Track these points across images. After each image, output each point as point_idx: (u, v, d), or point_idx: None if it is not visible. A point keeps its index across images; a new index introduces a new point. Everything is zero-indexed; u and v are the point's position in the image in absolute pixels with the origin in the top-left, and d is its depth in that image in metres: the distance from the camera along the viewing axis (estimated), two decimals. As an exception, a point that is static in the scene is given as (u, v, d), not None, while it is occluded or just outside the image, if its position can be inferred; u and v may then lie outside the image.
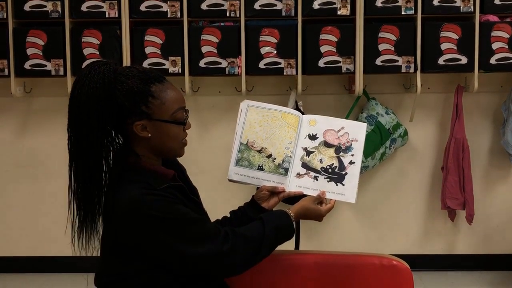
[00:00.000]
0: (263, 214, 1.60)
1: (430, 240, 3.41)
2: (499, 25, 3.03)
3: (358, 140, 1.71)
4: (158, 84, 1.50)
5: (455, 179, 3.17)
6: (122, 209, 1.42)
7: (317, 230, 3.37)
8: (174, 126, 1.51)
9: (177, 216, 1.43)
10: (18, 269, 3.46)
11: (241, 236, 1.50)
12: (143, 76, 1.49)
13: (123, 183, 1.46)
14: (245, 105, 1.75)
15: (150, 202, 1.41)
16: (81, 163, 1.46)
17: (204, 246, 1.44)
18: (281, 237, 1.57)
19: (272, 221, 1.56)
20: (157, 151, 1.53)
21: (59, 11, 3.07)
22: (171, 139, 1.52)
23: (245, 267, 1.52)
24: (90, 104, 1.43)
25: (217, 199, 2.43)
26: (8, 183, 3.42)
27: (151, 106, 1.48)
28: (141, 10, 3.06)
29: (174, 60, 3.07)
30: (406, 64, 3.04)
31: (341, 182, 1.67)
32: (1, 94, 3.30)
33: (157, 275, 1.48)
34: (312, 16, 3.05)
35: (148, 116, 1.48)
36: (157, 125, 1.49)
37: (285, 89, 3.27)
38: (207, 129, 3.34)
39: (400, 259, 1.80)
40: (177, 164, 1.71)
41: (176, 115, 1.52)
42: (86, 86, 1.43)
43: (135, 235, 1.43)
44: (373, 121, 3.12)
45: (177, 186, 1.51)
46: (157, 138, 1.51)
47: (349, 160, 1.69)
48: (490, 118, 3.33)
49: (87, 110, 1.43)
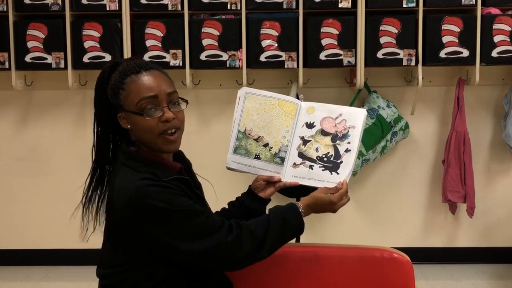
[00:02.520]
0: (271, 208, 1.57)
1: (431, 233, 3.42)
2: (501, 18, 3.02)
3: (355, 126, 1.67)
4: (132, 76, 1.50)
5: (456, 172, 3.17)
6: (125, 199, 1.42)
7: (318, 223, 3.38)
8: (142, 118, 1.48)
9: (182, 207, 1.43)
10: (20, 262, 3.47)
11: (246, 229, 1.48)
12: (124, 68, 1.52)
13: (128, 173, 1.46)
14: (243, 92, 1.74)
15: (155, 193, 1.41)
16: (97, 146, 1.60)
17: (208, 237, 1.43)
18: (289, 230, 1.53)
19: (279, 214, 1.53)
20: (143, 144, 1.53)
21: (59, 4, 3.06)
22: (144, 131, 1.49)
23: (248, 261, 1.50)
24: (95, 95, 1.59)
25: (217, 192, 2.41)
26: (9, 176, 3.42)
27: (121, 98, 1.51)
28: (141, 2, 3.05)
29: (175, 53, 3.06)
30: (407, 57, 3.04)
31: (336, 171, 1.65)
32: (2, 87, 3.30)
33: (158, 267, 1.48)
34: (313, 9, 3.04)
35: (122, 108, 1.51)
36: (129, 117, 1.51)
37: (286, 82, 3.27)
38: (208, 122, 3.34)
39: (401, 252, 1.80)
40: (183, 158, 1.71)
41: (140, 105, 1.48)
42: (99, 78, 1.59)
43: (138, 225, 1.43)
44: (374, 114, 3.12)
45: (183, 179, 1.51)
46: (135, 130, 1.52)
47: (345, 148, 1.66)
48: (491, 111, 3.32)
49: (94, 99, 1.60)
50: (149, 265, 1.48)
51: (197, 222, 1.44)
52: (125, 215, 1.43)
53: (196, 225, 1.44)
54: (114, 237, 1.51)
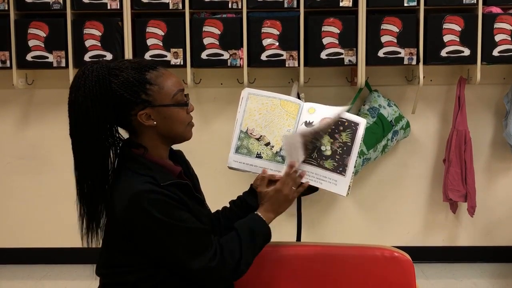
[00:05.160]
0: (235, 223, 1.59)
1: (432, 232, 3.42)
2: (502, 16, 3.02)
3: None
4: (152, 71, 1.51)
5: (457, 171, 3.17)
6: (125, 202, 1.42)
7: (319, 222, 3.38)
8: (177, 109, 1.52)
9: (175, 222, 1.43)
10: (21, 260, 3.47)
11: (226, 250, 1.50)
12: (135, 66, 1.50)
13: (129, 175, 1.46)
14: (246, 93, 1.76)
15: (153, 201, 1.41)
16: (87, 166, 1.47)
17: (194, 258, 1.45)
18: (260, 239, 1.56)
19: (246, 228, 1.56)
20: (165, 138, 1.54)
21: (60, 2, 3.06)
22: (177, 123, 1.53)
23: (232, 278, 1.52)
24: (87, 104, 1.45)
25: (218, 190, 2.43)
26: (10, 175, 3.43)
27: (151, 93, 1.49)
28: (142, 1, 3.05)
29: (176, 52, 3.06)
30: (408, 56, 3.03)
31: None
32: (3, 86, 3.30)
33: (157, 269, 1.48)
34: (314, 8, 3.04)
35: (150, 104, 1.49)
36: (160, 111, 1.50)
37: (287, 81, 3.27)
38: (209, 121, 3.34)
39: (402, 251, 1.80)
40: (183, 160, 1.71)
41: (177, 98, 1.53)
42: (82, 87, 1.46)
43: (134, 228, 1.44)
44: (375, 113, 3.12)
45: (182, 184, 1.51)
46: (163, 125, 1.51)
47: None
48: (493, 110, 3.32)
49: (85, 111, 1.45)
50: (147, 267, 1.48)
51: (187, 240, 1.45)
52: (123, 217, 1.44)
53: (185, 243, 1.45)
54: (113, 238, 1.51)
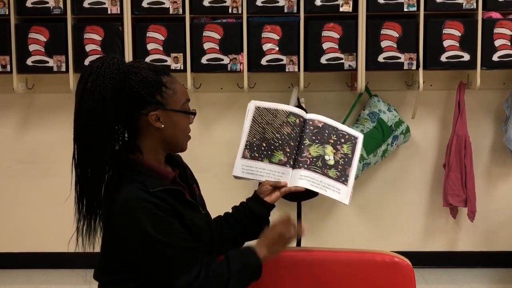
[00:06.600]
0: (229, 252, 1.57)
1: (432, 237, 3.41)
2: (502, 22, 3.03)
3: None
4: (167, 76, 1.54)
5: (457, 176, 3.17)
6: (118, 209, 1.42)
7: (319, 227, 3.37)
8: (183, 118, 1.55)
9: (163, 238, 1.42)
10: (21, 265, 3.47)
11: (212, 272, 1.48)
12: (152, 67, 1.53)
13: (123, 181, 1.46)
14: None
15: (144, 211, 1.41)
16: (91, 159, 1.45)
17: (178, 275, 1.44)
18: (248, 275, 1.54)
19: (237, 258, 1.54)
20: (167, 143, 1.54)
21: (61, 7, 3.07)
22: (181, 131, 1.56)
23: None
24: (106, 94, 1.42)
25: (218, 196, 2.42)
26: (10, 179, 3.43)
27: (165, 96, 1.51)
28: (143, 6, 3.06)
29: (176, 56, 3.07)
30: (408, 61, 3.04)
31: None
32: (4, 90, 3.30)
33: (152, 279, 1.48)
34: (314, 13, 3.05)
35: (162, 106, 1.50)
36: (169, 115, 1.52)
37: (287, 86, 3.27)
38: (209, 126, 3.34)
39: (402, 256, 1.80)
40: (181, 163, 1.71)
41: (185, 107, 1.56)
42: (101, 77, 1.42)
43: (124, 235, 1.44)
44: (375, 118, 3.12)
45: (173, 190, 1.50)
46: (169, 129, 1.52)
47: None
48: (492, 115, 3.32)
49: (103, 101, 1.42)
50: (143, 274, 1.48)
51: (172, 255, 1.44)
52: (115, 223, 1.44)
53: (171, 258, 1.44)
54: (110, 244, 1.51)
